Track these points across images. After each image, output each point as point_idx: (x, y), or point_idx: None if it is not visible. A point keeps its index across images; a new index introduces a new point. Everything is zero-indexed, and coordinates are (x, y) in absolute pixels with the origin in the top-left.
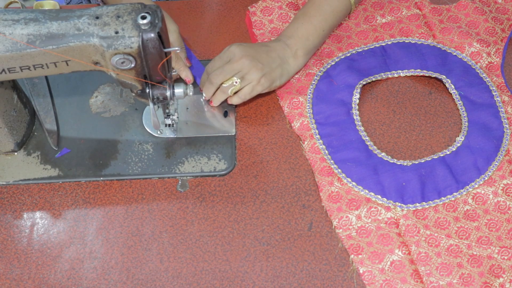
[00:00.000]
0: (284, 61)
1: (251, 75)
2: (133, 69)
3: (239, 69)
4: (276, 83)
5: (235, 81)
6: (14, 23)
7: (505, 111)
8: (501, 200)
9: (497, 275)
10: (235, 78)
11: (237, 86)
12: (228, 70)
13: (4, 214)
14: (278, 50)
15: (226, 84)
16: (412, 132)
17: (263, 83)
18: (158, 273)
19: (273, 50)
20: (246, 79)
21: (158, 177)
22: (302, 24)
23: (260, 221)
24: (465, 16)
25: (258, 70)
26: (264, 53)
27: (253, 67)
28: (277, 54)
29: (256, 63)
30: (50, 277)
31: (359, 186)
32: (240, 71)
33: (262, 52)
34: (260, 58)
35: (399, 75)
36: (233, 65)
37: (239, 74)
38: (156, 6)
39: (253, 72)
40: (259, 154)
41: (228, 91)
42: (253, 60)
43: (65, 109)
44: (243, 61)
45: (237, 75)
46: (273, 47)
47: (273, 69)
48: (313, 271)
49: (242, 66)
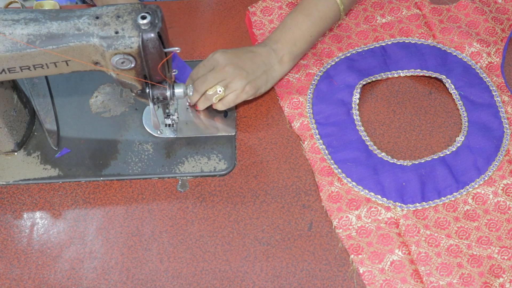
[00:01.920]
0: (269, 67)
1: (235, 84)
2: (133, 69)
3: (222, 78)
4: (261, 89)
5: (219, 90)
6: (14, 23)
7: (505, 111)
8: (501, 200)
9: (497, 275)
10: (218, 86)
11: (221, 94)
12: (212, 79)
13: (4, 214)
14: (263, 55)
15: (211, 92)
16: (412, 132)
17: (247, 91)
18: (158, 273)
19: (258, 56)
20: (230, 87)
21: (158, 177)
22: (290, 29)
23: (260, 221)
24: (465, 16)
25: (242, 79)
26: (248, 60)
27: (237, 76)
28: (262, 60)
29: (240, 71)
30: (50, 277)
31: (359, 186)
32: (224, 80)
33: (246, 59)
34: (244, 65)
35: (399, 75)
36: (216, 74)
37: (223, 83)
38: (156, 6)
39: (237, 81)
40: (259, 154)
41: (213, 99)
42: (237, 68)
43: (65, 109)
44: (227, 69)
45: (221, 83)
46: (259, 52)
47: (258, 76)
48: (313, 271)
49: (225, 75)
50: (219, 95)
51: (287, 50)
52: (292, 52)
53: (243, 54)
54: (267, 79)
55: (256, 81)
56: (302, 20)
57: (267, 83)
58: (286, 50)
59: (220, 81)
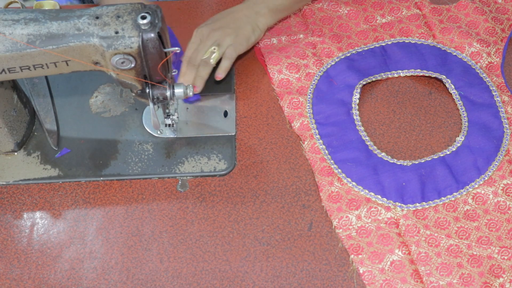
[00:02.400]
0: (251, 18)
1: (225, 41)
2: (133, 69)
3: (212, 42)
4: (251, 39)
5: (214, 48)
6: (14, 23)
7: (505, 111)
8: (501, 200)
9: (497, 275)
10: (212, 48)
11: (216, 52)
12: (202, 47)
13: (4, 214)
14: (243, 9)
15: (206, 56)
16: (412, 132)
17: (240, 42)
18: (158, 273)
19: (237, 11)
20: (223, 45)
21: (158, 177)
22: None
23: (260, 221)
24: (465, 16)
25: (230, 34)
26: (229, 19)
27: (224, 34)
28: (242, 13)
29: (225, 30)
30: (50, 277)
31: (359, 186)
32: (214, 42)
33: (227, 19)
34: (227, 24)
35: (399, 75)
36: (205, 42)
37: (214, 44)
38: (156, 6)
39: (226, 38)
40: (259, 154)
41: (210, 61)
42: (220, 29)
43: (65, 109)
44: (213, 34)
45: (213, 45)
46: (238, 9)
47: (242, 27)
48: (313, 271)
49: (213, 39)
50: (216, 55)
51: (266, 3)
52: (272, 4)
53: (222, 17)
54: (252, 28)
55: (243, 32)
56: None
57: (254, 32)
58: (266, 3)
59: (210, 45)
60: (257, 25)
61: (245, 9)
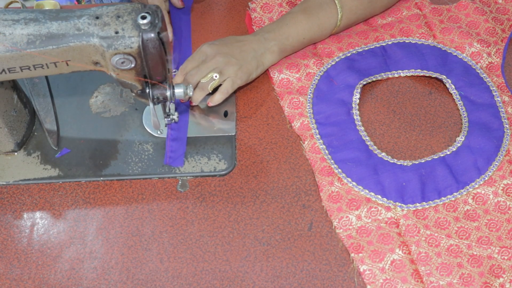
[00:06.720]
0: (259, 54)
1: (228, 70)
2: (133, 69)
3: (214, 66)
4: (253, 75)
5: (214, 75)
6: (14, 23)
7: (505, 111)
8: (501, 200)
9: (497, 275)
10: (213, 73)
11: (216, 80)
12: (204, 69)
13: (4, 214)
14: (253, 43)
15: (205, 80)
16: (412, 132)
17: (241, 76)
18: (158, 273)
19: (247, 44)
20: (224, 74)
21: (158, 177)
22: (287, 25)
23: (260, 221)
24: (466, 16)
25: (234, 65)
26: (237, 48)
27: (228, 63)
28: (251, 46)
29: (230, 59)
30: (50, 277)
31: (359, 186)
32: (216, 67)
33: (235, 48)
34: (233, 53)
35: (399, 75)
36: (208, 64)
37: (216, 70)
38: (156, 6)
39: (229, 67)
40: (259, 154)
41: (208, 87)
42: (226, 56)
43: (65, 109)
44: (217, 58)
45: (214, 71)
46: (248, 40)
47: (248, 61)
48: (313, 271)
49: (217, 64)
50: (215, 82)
51: (278, 41)
52: (282, 44)
53: (231, 43)
54: (257, 64)
55: (247, 66)
56: (301, 20)
57: (258, 68)
58: (277, 40)
59: (212, 69)
60: (262, 62)
61: (255, 43)
